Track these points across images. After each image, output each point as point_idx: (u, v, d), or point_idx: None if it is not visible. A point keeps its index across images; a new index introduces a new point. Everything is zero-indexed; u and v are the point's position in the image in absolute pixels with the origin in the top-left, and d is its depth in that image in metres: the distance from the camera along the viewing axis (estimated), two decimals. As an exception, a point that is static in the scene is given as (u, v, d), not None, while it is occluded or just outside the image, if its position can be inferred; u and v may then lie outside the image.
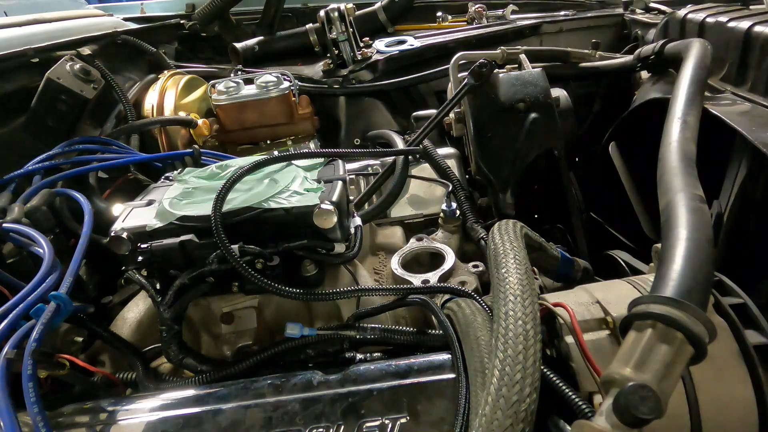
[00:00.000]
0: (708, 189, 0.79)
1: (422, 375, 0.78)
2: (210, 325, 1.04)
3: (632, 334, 0.57)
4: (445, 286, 0.95)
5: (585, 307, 0.79)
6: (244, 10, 2.58)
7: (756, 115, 1.12)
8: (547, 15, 2.39)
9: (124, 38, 1.93)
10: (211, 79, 1.85)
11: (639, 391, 0.50)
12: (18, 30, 1.63)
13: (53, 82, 1.42)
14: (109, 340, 0.98)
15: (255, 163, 0.99)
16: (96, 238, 1.03)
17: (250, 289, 0.97)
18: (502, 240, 0.83)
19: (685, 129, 0.86)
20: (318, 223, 0.90)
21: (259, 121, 1.81)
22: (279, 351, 0.88)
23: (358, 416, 0.74)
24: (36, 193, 1.12)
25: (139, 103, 1.77)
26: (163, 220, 0.92)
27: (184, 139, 1.73)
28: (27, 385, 0.70)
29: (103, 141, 1.44)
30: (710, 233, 0.67)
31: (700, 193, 0.73)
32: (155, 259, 0.91)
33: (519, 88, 1.41)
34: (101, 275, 1.21)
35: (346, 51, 2.03)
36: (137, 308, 1.09)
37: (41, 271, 0.86)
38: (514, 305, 0.69)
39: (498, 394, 0.61)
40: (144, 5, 2.68)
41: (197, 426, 0.75)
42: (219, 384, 0.83)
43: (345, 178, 1.05)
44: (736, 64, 1.29)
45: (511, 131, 1.38)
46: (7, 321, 0.78)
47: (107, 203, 1.31)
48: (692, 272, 0.60)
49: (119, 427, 0.77)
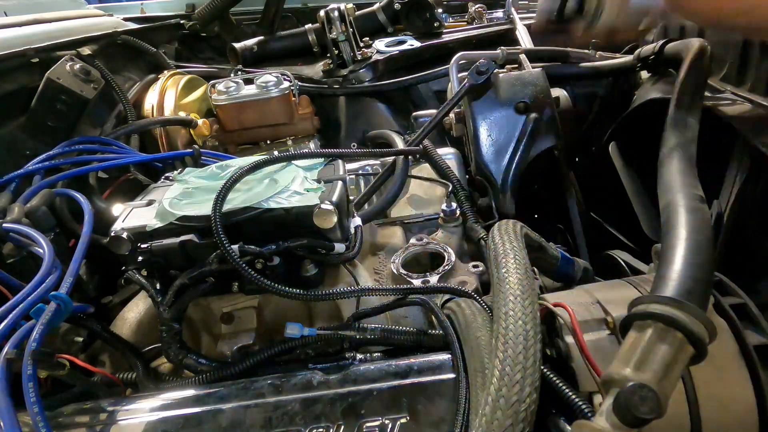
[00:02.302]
0: (708, 189, 0.79)
1: (422, 375, 0.78)
2: (210, 325, 1.04)
3: (632, 334, 0.57)
4: (445, 286, 0.95)
5: (585, 307, 0.79)
6: (244, 10, 2.59)
7: (756, 115, 1.12)
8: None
9: (124, 38, 1.93)
10: (211, 79, 1.85)
11: (639, 391, 0.50)
12: (18, 30, 1.63)
13: (53, 82, 1.42)
14: (109, 340, 0.98)
15: (255, 164, 0.99)
16: (96, 238, 1.03)
17: (250, 290, 0.97)
18: (502, 240, 0.83)
19: (685, 129, 0.86)
20: (318, 223, 0.90)
21: (259, 121, 1.81)
22: (279, 351, 0.88)
23: (358, 416, 0.74)
24: (36, 193, 1.11)
25: (139, 103, 1.77)
26: (163, 220, 0.92)
27: (184, 139, 1.73)
28: (27, 385, 0.70)
29: (103, 141, 1.44)
30: (710, 233, 0.67)
31: (700, 194, 0.73)
32: (155, 259, 0.91)
33: (519, 88, 1.41)
34: (101, 275, 1.21)
35: (346, 51, 2.03)
36: (137, 308, 1.09)
37: (41, 272, 0.86)
38: (514, 305, 0.69)
39: (498, 394, 0.61)
40: (144, 5, 2.68)
41: (197, 426, 0.75)
42: (219, 384, 0.83)
43: (345, 178, 1.05)
44: (736, 64, 1.29)
45: (511, 131, 1.38)
46: (8, 321, 0.78)
47: (107, 203, 1.31)
48: (692, 272, 0.60)
49: (119, 427, 0.77)
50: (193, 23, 2.39)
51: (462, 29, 2.29)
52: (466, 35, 2.18)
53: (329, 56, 2.07)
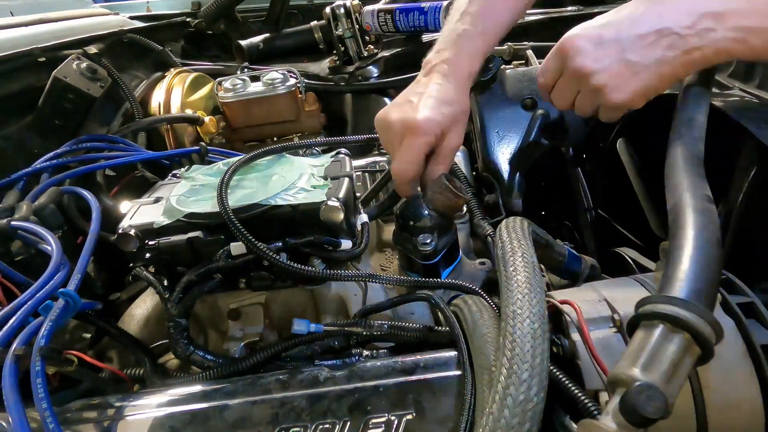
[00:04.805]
0: (716, 187, 0.78)
1: (428, 372, 0.78)
2: (217, 321, 1.04)
3: (639, 334, 0.57)
4: (452, 282, 0.95)
5: (592, 304, 0.79)
6: (250, 8, 2.58)
7: (765, 113, 1.11)
8: (555, 10, 2.38)
9: (130, 37, 1.93)
10: (218, 76, 1.85)
11: (646, 391, 0.50)
12: (24, 30, 1.63)
13: (60, 81, 1.43)
14: (117, 336, 0.99)
15: (256, 154, 1.01)
16: (104, 236, 1.04)
17: (257, 286, 0.98)
18: (510, 237, 0.83)
19: (692, 127, 0.85)
20: (325, 220, 0.90)
21: (265, 118, 1.81)
22: (286, 347, 0.88)
23: (364, 412, 0.74)
24: (44, 191, 1.12)
25: (145, 101, 1.77)
26: (170, 217, 0.92)
27: (191, 137, 1.73)
28: (35, 381, 0.71)
29: (110, 139, 1.44)
30: (718, 234, 0.66)
31: (707, 193, 0.72)
32: (163, 256, 0.91)
33: (526, 84, 1.40)
34: (109, 272, 1.22)
35: (352, 48, 2.02)
36: (145, 305, 1.09)
37: (49, 269, 0.87)
38: (522, 304, 0.69)
39: (505, 392, 0.61)
40: (150, 3, 2.68)
41: (204, 421, 0.76)
42: (226, 380, 0.83)
43: (352, 175, 1.05)
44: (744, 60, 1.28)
45: (518, 127, 1.38)
46: (16, 318, 0.78)
47: (115, 201, 1.32)
48: (700, 273, 0.60)
49: (127, 422, 0.77)
50: (199, 21, 2.39)
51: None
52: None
53: (335, 53, 2.07)
